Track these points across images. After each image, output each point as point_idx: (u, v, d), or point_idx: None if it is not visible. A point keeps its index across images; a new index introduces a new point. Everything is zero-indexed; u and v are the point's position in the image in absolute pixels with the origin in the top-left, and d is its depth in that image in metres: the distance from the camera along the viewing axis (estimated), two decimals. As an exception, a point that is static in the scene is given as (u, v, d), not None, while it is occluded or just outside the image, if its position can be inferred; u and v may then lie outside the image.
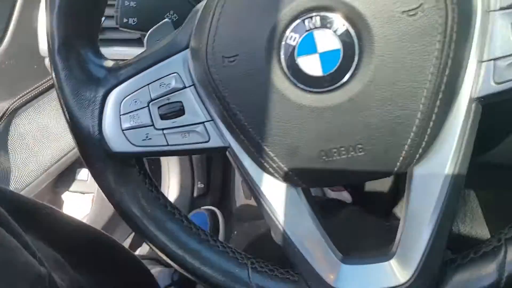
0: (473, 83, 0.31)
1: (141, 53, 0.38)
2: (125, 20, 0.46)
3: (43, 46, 0.73)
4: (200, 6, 0.36)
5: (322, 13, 0.29)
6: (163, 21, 0.42)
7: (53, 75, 0.38)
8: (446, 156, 0.32)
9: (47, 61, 0.76)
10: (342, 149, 0.32)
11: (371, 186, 0.83)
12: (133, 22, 0.46)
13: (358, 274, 0.35)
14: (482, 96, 0.31)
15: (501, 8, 0.29)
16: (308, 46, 0.30)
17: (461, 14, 0.28)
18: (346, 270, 0.36)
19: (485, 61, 0.30)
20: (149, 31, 0.41)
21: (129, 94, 0.37)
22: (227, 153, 0.36)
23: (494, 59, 0.30)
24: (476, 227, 0.90)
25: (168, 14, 0.45)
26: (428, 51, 0.29)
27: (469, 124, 0.31)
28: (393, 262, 0.34)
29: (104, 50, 0.41)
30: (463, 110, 0.31)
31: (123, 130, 0.37)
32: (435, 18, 0.28)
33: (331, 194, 0.93)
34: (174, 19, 0.46)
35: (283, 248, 0.37)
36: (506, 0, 0.29)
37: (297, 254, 0.36)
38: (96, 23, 0.38)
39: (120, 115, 0.37)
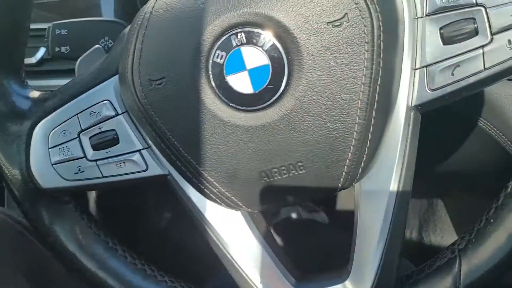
0: (408, 92, 0.30)
1: (68, 82, 0.36)
2: (57, 49, 0.44)
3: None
4: (127, 29, 0.34)
5: (248, 29, 0.28)
6: (94, 47, 0.40)
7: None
8: (390, 168, 0.31)
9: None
10: (283, 168, 0.30)
11: (346, 204, 0.82)
12: (66, 51, 0.44)
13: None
14: (419, 104, 0.30)
15: (428, 14, 0.29)
16: (236, 63, 0.29)
17: (387, 22, 0.28)
18: (300, 296, 0.34)
19: (418, 69, 0.30)
20: (79, 58, 0.39)
21: (58, 126, 0.34)
22: (168, 181, 0.34)
23: (426, 66, 0.30)
24: (446, 236, 0.90)
25: (102, 40, 0.43)
26: (357, 62, 0.28)
27: (409, 133, 0.31)
28: (347, 283, 0.33)
29: (42, 82, 0.39)
30: (401, 119, 0.30)
31: (52, 165, 0.34)
32: (361, 27, 0.27)
33: (306, 215, 0.91)
34: (109, 45, 0.44)
35: (233, 276, 0.34)
36: (432, 6, 0.29)
37: (247, 282, 0.34)
38: (17, 53, 0.36)
39: (49, 148, 0.34)
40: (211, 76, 0.29)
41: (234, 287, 0.35)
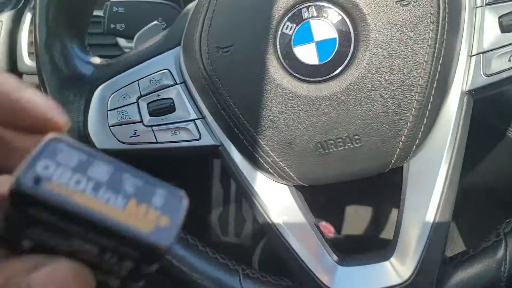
0: (464, 76, 0.31)
1: (129, 51, 0.37)
2: (112, 25, 0.45)
3: (22, 61, 0.72)
4: (191, 5, 0.36)
5: (318, 3, 0.30)
6: (153, 23, 0.42)
7: (38, 69, 0.36)
8: (442, 149, 0.32)
9: (25, 77, 0.74)
10: (339, 140, 0.31)
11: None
12: (121, 28, 0.45)
13: (356, 275, 0.34)
14: (473, 89, 0.31)
15: (488, 4, 0.31)
16: (305, 35, 0.30)
17: (450, 6, 0.29)
18: (343, 272, 0.34)
19: (474, 55, 0.31)
20: (139, 32, 0.41)
21: (118, 90, 0.35)
22: (218, 152, 0.35)
23: (484, 52, 0.31)
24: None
25: (156, 21, 0.45)
26: (421, 40, 0.29)
27: (462, 117, 0.32)
28: (392, 260, 0.33)
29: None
30: (455, 102, 0.31)
31: (109, 127, 0.35)
32: (428, 8, 0.29)
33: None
34: (163, 27, 0.45)
35: (277, 250, 0.35)
36: (492, -4, 0.31)
37: (292, 256, 0.34)
38: (85, 18, 0.38)
39: (107, 110, 0.35)
40: (278, 46, 0.31)
41: (282, 262, 0.35)
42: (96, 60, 0.38)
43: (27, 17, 0.71)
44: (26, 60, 0.71)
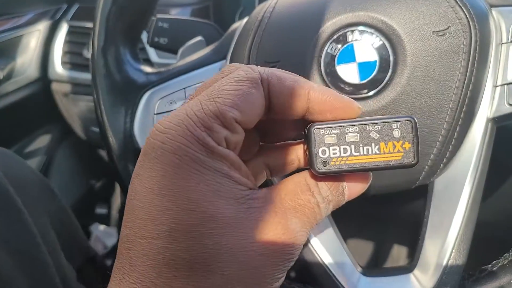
0: (489, 105, 0.34)
1: (177, 62, 0.40)
2: (156, 39, 0.49)
3: (53, 69, 0.75)
4: (238, 24, 0.40)
5: (362, 28, 0.33)
6: (198, 39, 0.45)
7: (92, 73, 0.39)
8: (466, 169, 0.34)
9: (54, 85, 0.77)
10: (372, 154, 0.34)
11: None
12: (164, 42, 0.49)
13: (380, 286, 0.35)
14: (497, 116, 0.34)
15: (513, 41, 0.34)
16: (348, 56, 0.33)
17: (481, 39, 0.33)
18: (367, 282, 0.36)
19: (498, 86, 0.34)
20: (184, 46, 0.44)
21: (165, 96, 0.38)
22: None
23: (508, 84, 0.34)
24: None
25: (200, 37, 0.48)
26: (454, 67, 0.32)
27: (485, 142, 0.34)
28: (415, 272, 0.35)
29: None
30: (481, 127, 0.34)
31: (155, 129, 0.38)
32: (461, 39, 0.32)
33: None
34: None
35: (303, 255, 0.37)
36: (517, 35, 0.34)
37: (317, 262, 0.36)
38: (141, 27, 0.41)
39: (154, 114, 0.38)
40: (322, 64, 0.34)
41: (306, 268, 0.37)
42: (146, 68, 0.41)
43: (63, 28, 0.75)
44: (58, 68, 0.74)
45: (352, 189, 0.21)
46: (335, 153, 0.20)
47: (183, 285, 0.18)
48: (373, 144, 0.20)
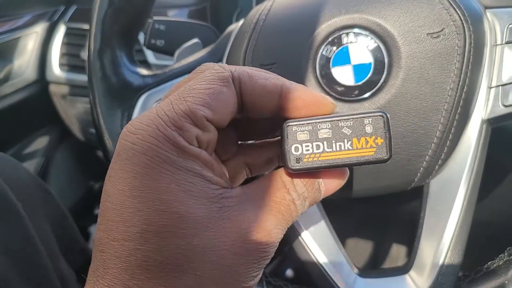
0: (484, 106, 0.34)
1: (173, 64, 0.40)
2: (153, 41, 0.49)
3: (51, 71, 0.75)
4: (234, 27, 0.40)
5: (358, 30, 0.33)
6: (194, 41, 0.45)
7: (89, 75, 0.39)
8: (461, 171, 0.34)
9: (52, 87, 0.77)
10: (368, 156, 0.34)
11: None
12: (161, 44, 0.49)
13: (376, 287, 0.36)
14: (492, 117, 0.34)
15: (507, 42, 0.34)
16: (343, 58, 0.33)
17: (475, 41, 0.33)
18: (363, 283, 0.36)
19: (493, 87, 0.34)
20: (181, 48, 0.44)
21: (161, 98, 0.38)
22: None
23: (502, 85, 0.34)
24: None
25: (196, 39, 0.48)
26: (448, 69, 0.32)
27: (480, 143, 0.35)
28: (411, 273, 0.35)
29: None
30: (476, 129, 0.34)
31: (151, 131, 0.38)
32: (455, 41, 0.32)
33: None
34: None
35: (300, 257, 0.37)
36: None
37: (314, 264, 0.36)
38: (137, 29, 0.41)
39: (151, 116, 0.38)
40: (317, 66, 0.34)
41: (303, 269, 0.37)
42: (143, 70, 0.41)
43: (61, 29, 0.75)
44: (56, 70, 0.74)
45: (328, 185, 0.22)
46: (308, 150, 0.20)
47: (156, 286, 0.18)
48: (345, 140, 0.20)
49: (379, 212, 0.47)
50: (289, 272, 0.40)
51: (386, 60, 0.33)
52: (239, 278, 0.19)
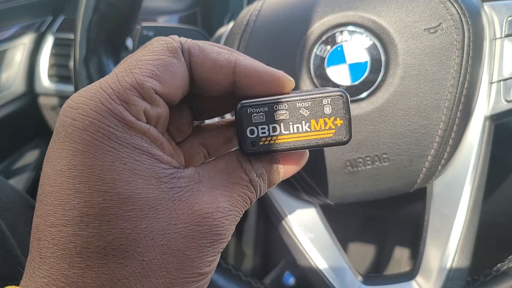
0: (486, 102, 0.33)
1: None
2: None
3: (40, 83, 0.74)
4: (225, 29, 0.38)
5: (352, 28, 0.32)
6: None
7: (75, 84, 0.37)
8: (465, 170, 0.33)
9: (41, 99, 0.75)
10: (368, 158, 0.33)
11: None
12: (150, 50, 0.47)
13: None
14: (494, 114, 0.33)
15: (507, 35, 0.33)
16: (338, 57, 0.32)
17: (474, 35, 0.32)
18: (368, 291, 0.34)
19: (494, 82, 0.33)
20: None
21: None
22: None
23: (504, 80, 0.33)
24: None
25: (185, 43, 0.47)
26: (448, 65, 0.31)
27: (484, 141, 0.33)
28: (418, 279, 0.34)
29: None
30: (478, 126, 0.33)
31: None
32: (453, 36, 0.31)
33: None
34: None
35: (301, 266, 0.35)
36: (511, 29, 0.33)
37: (315, 273, 0.35)
38: (124, 36, 0.40)
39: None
40: (311, 66, 0.32)
41: (305, 278, 0.35)
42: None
43: (49, 40, 0.74)
44: (45, 81, 0.73)
45: (287, 168, 0.20)
46: (264, 133, 0.19)
47: (98, 275, 0.16)
48: (303, 122, 0.19)
49: (381, 215, 0.45)
50: (291, 281, 0.38)
51: (382, 58, 0.32)
52: (192, 263, 0.17)
